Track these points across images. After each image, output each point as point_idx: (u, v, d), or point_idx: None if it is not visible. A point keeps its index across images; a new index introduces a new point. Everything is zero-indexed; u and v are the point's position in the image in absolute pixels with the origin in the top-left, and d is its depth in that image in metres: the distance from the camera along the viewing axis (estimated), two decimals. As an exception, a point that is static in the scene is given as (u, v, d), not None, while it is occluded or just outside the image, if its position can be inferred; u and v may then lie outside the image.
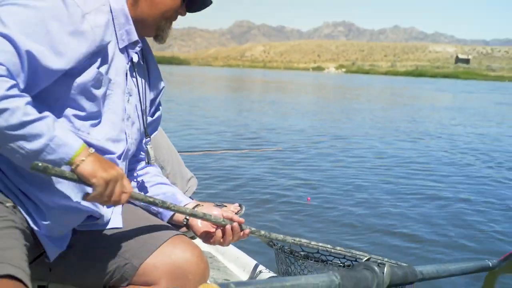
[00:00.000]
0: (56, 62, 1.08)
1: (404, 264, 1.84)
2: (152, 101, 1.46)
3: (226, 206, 2.21)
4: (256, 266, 1.99)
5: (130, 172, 1.45)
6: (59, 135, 1.04)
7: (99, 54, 1.18)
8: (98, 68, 1.18)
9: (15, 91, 1.01)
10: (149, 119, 1.46)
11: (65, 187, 1.15)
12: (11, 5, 1.06)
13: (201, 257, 1.27)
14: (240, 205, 2.32)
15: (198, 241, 2.21)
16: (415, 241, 3.52)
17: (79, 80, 1.15)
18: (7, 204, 1.12)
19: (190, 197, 1.70)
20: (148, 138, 1.43)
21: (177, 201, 1.40)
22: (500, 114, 16.82)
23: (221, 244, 1.37)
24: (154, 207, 1.39)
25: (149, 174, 1.47)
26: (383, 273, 1.44)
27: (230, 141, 8.05)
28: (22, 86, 1.05)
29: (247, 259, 2.06)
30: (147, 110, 1.42)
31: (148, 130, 1.45)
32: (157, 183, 1.45)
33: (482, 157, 7.31)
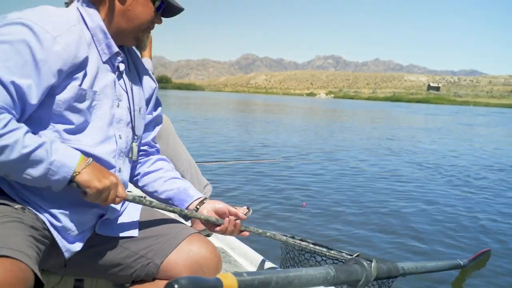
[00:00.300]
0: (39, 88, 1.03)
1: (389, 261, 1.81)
2: (148, 101, 1.38)
3: (236, 209, 2.18)
4: (261, 260, 1.96)
5: (140, 163, 1.39)
6: (57, 158, 1.01)
7: (79, 72, 1.11)
8: (80, 85, 1.11)
9: (12, 125, 0.97)
10: (149, 117, 1.39)
11: (66, 193, 1.09)
12: None
13: (214, 253, 1.25)
14: (248, 208, 2.30)
15: (211, 238, 2.18)
16: (394, 238, 3.48)
17: (62, 98, 1.08)
18: (16, 206, 1.06)
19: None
20: (136, 136, 1.31)
21: (189, 195, 1.36)
22: (461, 132, 16.80)
23: (222, 233, 1.35)
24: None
25: (163, 170, 1.41)
26: (371, 267, 1.42)
27: (237, 153, 8.03)
28: (17, 116, 1.01)
29: (254, 254, 2.03)
30: (141, 110, 1.33)
31: (149, 126, 1.39)
32: (171, 178, 1.39)
33: (442, 169, 7.25)
